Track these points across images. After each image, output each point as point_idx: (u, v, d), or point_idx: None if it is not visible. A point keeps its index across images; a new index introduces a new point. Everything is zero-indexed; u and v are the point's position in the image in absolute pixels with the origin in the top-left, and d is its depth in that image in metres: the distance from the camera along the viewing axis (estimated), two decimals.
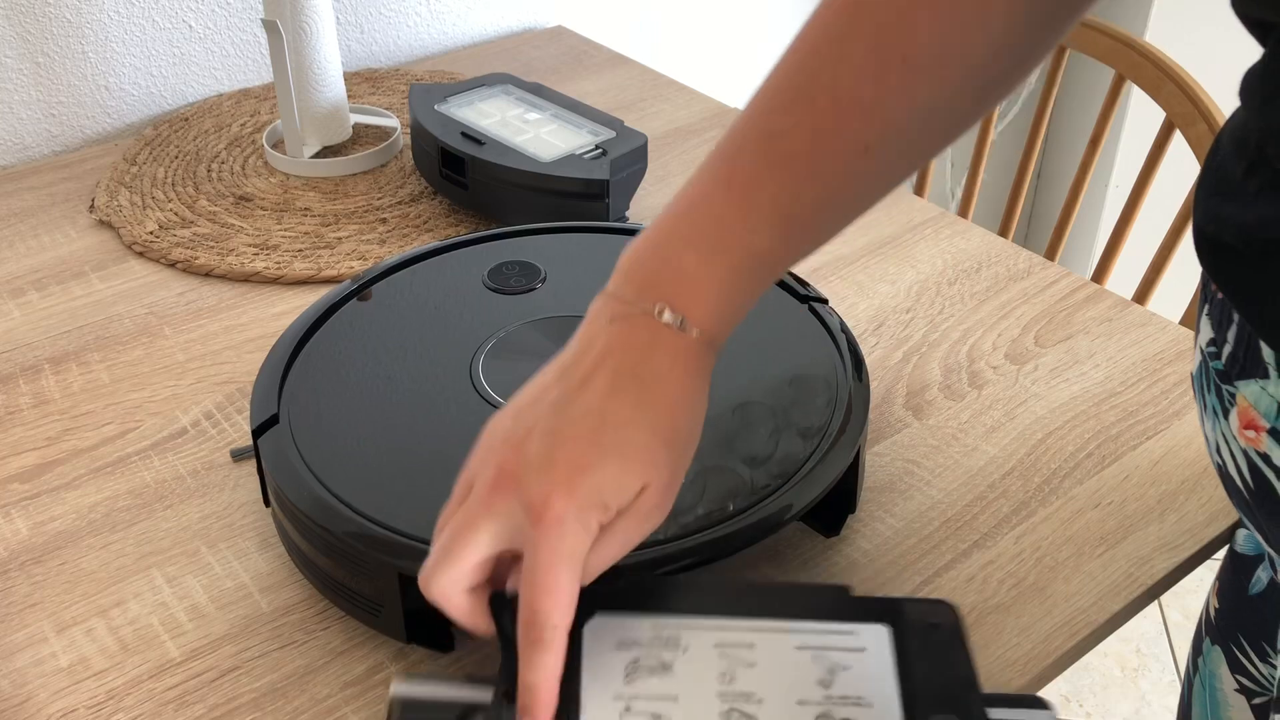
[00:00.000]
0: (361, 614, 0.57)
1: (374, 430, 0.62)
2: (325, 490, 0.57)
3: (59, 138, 1.13)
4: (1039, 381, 0.77)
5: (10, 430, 0.74)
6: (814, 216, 0.48)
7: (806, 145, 0.46)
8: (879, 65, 0.45)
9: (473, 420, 0.62)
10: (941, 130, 0.48)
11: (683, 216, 0.48)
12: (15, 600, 0.62)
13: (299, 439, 0.61)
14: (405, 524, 0.55)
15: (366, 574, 0.55)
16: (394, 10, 1.30)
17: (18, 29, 1.06)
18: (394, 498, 0.57)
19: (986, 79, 0.47)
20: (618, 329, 0.47)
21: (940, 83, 0.46)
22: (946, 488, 0.69)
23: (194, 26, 1.17)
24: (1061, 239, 1.20)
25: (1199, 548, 0.64)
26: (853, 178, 0.48)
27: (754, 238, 0.47)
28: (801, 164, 0.46)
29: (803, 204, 0.47)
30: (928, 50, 0.45)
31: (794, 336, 0.69)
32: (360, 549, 0.54)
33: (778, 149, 0.47)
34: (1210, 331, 0.51)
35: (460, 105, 1.00)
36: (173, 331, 0.84)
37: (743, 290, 0.48)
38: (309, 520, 0.56)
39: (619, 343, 0.47)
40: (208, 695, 0.57)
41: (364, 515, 0.56)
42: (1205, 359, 0.52)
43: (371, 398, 0.64)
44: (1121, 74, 1.12)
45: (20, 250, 0.94)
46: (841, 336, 0.67)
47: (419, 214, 0.98)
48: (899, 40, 0.45)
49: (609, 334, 0.47)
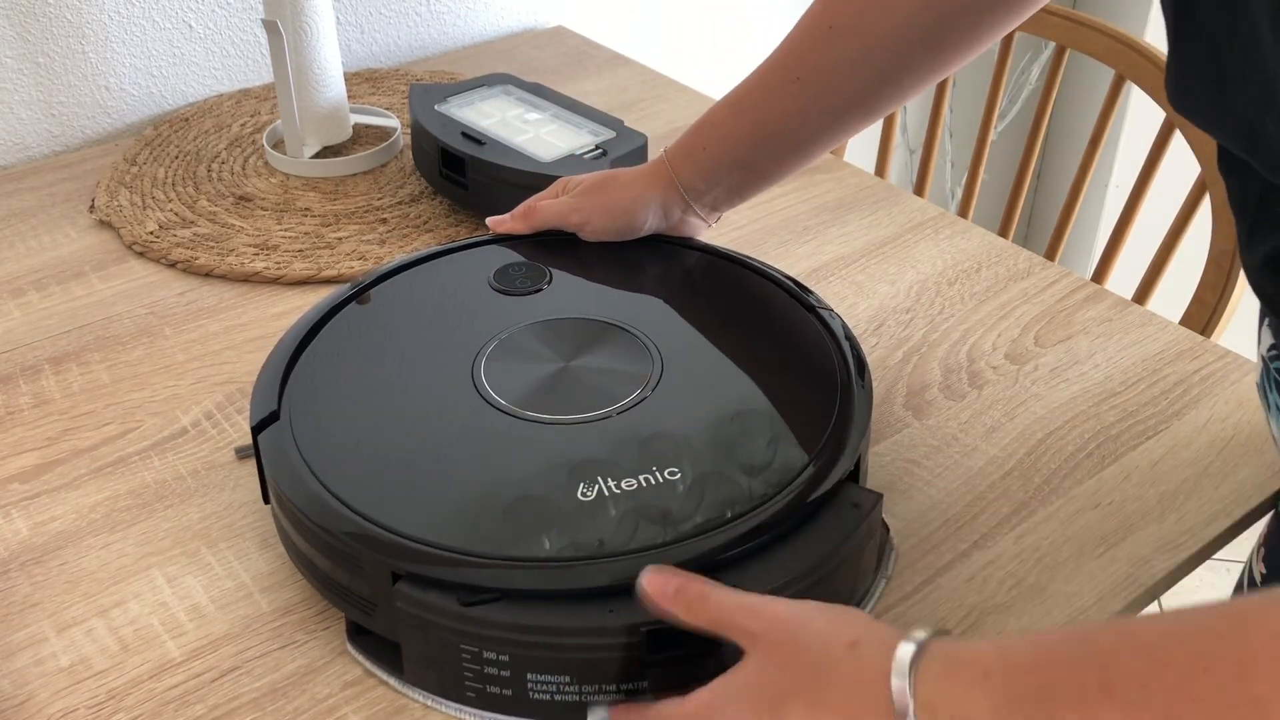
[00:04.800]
0: (357, 613, 0.57)
1: (374, 428, 0.62)
2: (323, 488, 0.57)
3: (59, 138, 1.13)
4: (1039, 381, 0.77)
5: (10, 430, 0.74)
6: (774, 127, 0.71)
7: (760, 78, 0.71)
8: (814, 29, 0.69)
9: (473, 420, 0.62)
10: (860, 78, 0.68)
11: (701, 128, 0.74)
12: (15, 600, 0.62)
13: (298, 435, 0.61)
14: (401, 523, 0.55)
15: (362, 573, 0.55)
16: (394, 10, 1.30)
17: (18, 29, 1.06)
18: (392, 496, 0.57)
19: (896, 48, 0.66)
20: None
21: (854, 44, 0.67)
22: (946, 488, 0.69)
23: (194, 26, 1.17)
24: (1061, 239, 1.20)
25: (1199, 548, 0.64)
26: (788, 99, 0.70)
27: (733, 141, 0.72)
28: (760, 91, 0.71)
29: (771, 114, 0.71)
30: (847, 20, 0.67)
31: (797, 341, 0.69)
32: (356, 547, 0.54)
33: (758, 81, 0.71)
34: (1271, 338, 0.58)
35: (460, 105, 1.00)
36: (173, 331, 0.84)
37: (721, 169, 0.73)
38: (306, 518, 0.56)
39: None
40: (208, 695, 0.57)
41: (361, 514, 0.55)
42: (1267, 364, 0.59)
43: (373, 396, 0.64)
44: (1121, 74, 1.12)
45: (20, 250, 0.94)
46: (845, 343, 0.67)
47: (419, 214, 0.98)
48: (830, 13, 0.68)
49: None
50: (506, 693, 0.53)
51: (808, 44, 0.69)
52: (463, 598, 0.51)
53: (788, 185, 1.02)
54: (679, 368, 0.65)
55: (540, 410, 0.62)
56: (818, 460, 0.58)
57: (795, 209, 0.99)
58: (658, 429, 0.61)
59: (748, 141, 0.72)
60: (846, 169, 1.06)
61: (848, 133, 0.71)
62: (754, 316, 0.72)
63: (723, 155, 0.73)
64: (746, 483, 0.57)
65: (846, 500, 0.57)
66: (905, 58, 0.67)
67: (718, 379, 0.65)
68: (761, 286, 0.74)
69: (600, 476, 0.57)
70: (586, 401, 0.62)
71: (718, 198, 0.75)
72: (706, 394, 0.64)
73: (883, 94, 0.69)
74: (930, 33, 0.66)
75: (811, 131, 0.71)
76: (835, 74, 0.68)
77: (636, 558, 0.53)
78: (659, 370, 0.65)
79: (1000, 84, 1.23)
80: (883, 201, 1.00)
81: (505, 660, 0.52)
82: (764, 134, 0.71)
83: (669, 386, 0.64)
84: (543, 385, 0.64)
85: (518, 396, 0.63)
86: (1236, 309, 1.02)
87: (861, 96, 0.69)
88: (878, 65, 0.67)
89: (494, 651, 0.52)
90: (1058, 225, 1.21)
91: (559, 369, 0.65)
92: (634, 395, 0.63)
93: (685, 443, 0.60)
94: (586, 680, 0.52)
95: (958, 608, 0.61)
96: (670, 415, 0.62)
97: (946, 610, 0.61)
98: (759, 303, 0.73)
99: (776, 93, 0.70)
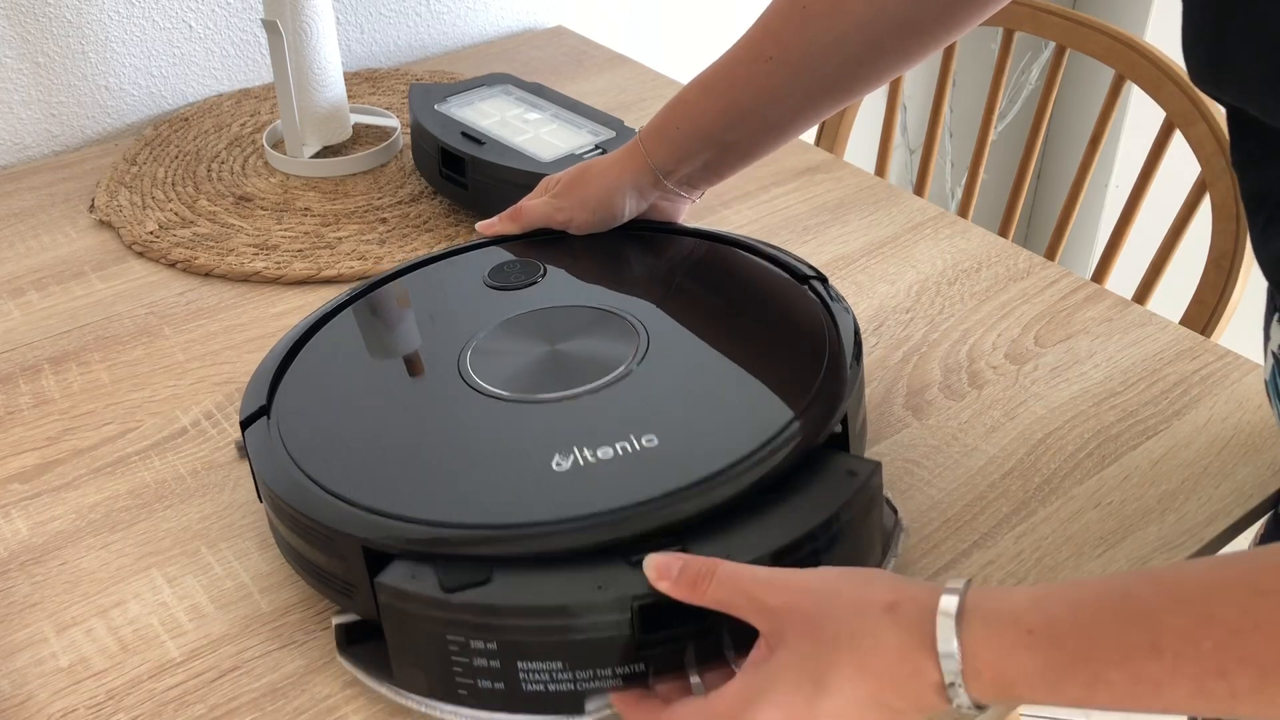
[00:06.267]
0: (338, 596, 0.57)
1: (359, 418, 0.62)
2: (304, 475, 0.57)
3: (59, 138, 1.13)
4: (1039, 381, 0.77)
5: (10, 430, 0.74)
6: (746, 105, 0.71)
7: (732, 57, 0.71)
8: (787, 10, 0.68)
9: (454, 405, 0.62)
10: (834, 60, 0.68)
11: (674, 106, 0.74)
12: (15, 600, 0.62)
13: (284, 429, 0.61)
14: (375, 500, 0.55)
15: (337, 551, 0.54)
16: (394, 10, 1.30)
17: (18, 29, 1.06)
18: (368, 477, 0.57)
19: (869, 31, 0.67)
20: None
21: (828, 27, 0.67)
22: (946, 488, 0.69)
23: (194, 26, 1.17)
24: (1061, 239, 1.20)
25: (1199, 548, 0.64)
26: (760, 78, 0.70)
27: (707, 120, 0.72)
28: (733, 70, 0.71)
29: (743, 92, 0.71)
30: (820, 4, 0.67)
31: (786, 311, 0.69)
32: (331, 524, 0.54)
33: (730, 61, 0.72)
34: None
35: (460, 105, 1.00)
36: (173, 331, 0.84)
37: (694, 146, 0.74)
38: (286, 504, 0.56)
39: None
40: (208, 695, 0.57)
41: (337, 495, 0.55)
42: (1278, 360, 0.58)
43: (361, 390, 0.64)
44: (1121, 74, 1.12)
45: (20, 250, 0.94)
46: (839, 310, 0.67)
47: (419, 214, 0.98)
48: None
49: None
50: (499, 686, 0.52)
51: (780, 24, 0.69)
52: (446, 584, 0.51)
53: (788, 185, 1.02)
54: (665, 344, 0.65)
55: (523, 391, 0.62)
56: (801, 419, 0.57)
57: (795, 209, 0.99)
58: (639, 399, 0.60)
59: (720, 120, 0.72)
60: (846, 169, 1.06)
61: (825, 112, 0.72)
62: (740, 289, 0.72)
63: (695, 133, 0.73)
64: (729, 445, 0.56)
65: (841, 468, 0.56)
66: (879, 42, 0.67)
67: (703, 350, 0.65)
68: (748, 261, 0.74)
69: (576, 446, 0.57)
70: (570, 380, 0.62)
71: (693, 174, 0.75)
72: (691, 366, 0.64)
73: (857, 75, 0.69)
74: (904, 17, 0.66)
75: (786, 110, 0.71)
76: (809, 56, 0.68)
77: (608, 521, 0.52)
78: (644, 347, 0.65)
79: (1000, 84, 1.23)
80: (883, 201, 1.00)
81: (493, 649, 0.51)
82: (736, 112, 0.71)
83: (654, 362, 0.64)
84: (529, 369, 0.64)
85: (502, 380, 0.63)
86: (1236, 309, 1.02)
87: (835, 78, 0.69)
88: (851, 48, 0.67)
89: (481, 640, 0.51)
90: (1058, 225, 1.21)
91: (546, 353, 0.65)
92: (618, 371, 0.63)
93: (666, 409, 0.59)
94: (580, 665, 0.51)
95: None
96: (652, 387, 0.62)
97: None
98: (746, 276, 0.73)
99: (748, 72, 0.70)
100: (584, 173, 0.78)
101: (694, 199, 0.79)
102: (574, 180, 0.78)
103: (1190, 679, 0.37)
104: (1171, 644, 0.38)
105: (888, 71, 0.69)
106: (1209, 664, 0.37)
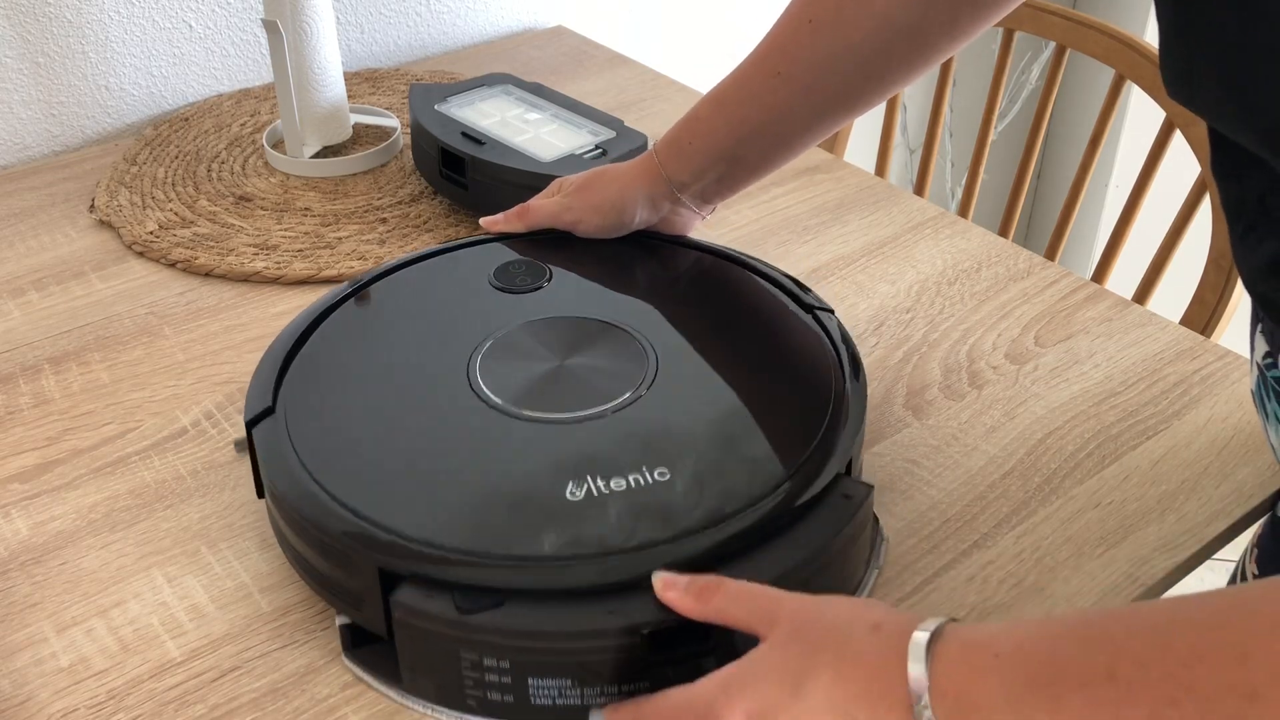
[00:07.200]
0: (346, 607, 0.57)
1: (368, 424, 0.62)
2: (315, 484, 0.57)
3: (59, 138, 1.13)
4: (1039, 381, 0.77)
5: (10, 430, 0.74)
6: (757, 120, 0.72)
7: (743, 72, 0.72)
8: (795, 24, 0.69)
9: (465, 418, 0.62)
10: (841, 72, 0.69)
11: (687, 122, 0.75)
12: (15, 600, 0.62)
13: (293, 430, 0.61)
14: (389, 519, 0.55)
15: (351, 568, 0.55)
16: (394, 10, 1.30)
17: (18, 29, 1.06)
18: (382, 492, 0.57)
19: (877, 42, 0.67)
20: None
21: (835, 39, 0.68)
22: (946, 488, 0.69)
23: (194, 26, 1.17)
24: (1061, 239, 1.20)
25: (1199, 548, 0.64)
26: (770, 94, 0.70)
27: (719, 136, 0.73)
28: (744, 86, 0.72)
29: (754, 108, 0.71)
30: (827, 15, 0.68)
31: (792, 340, 0.69)
32: (347, 543, 0.54)
33: (741, 76, 0.72)
34: (1266, 345, 0.58)
35: (460, 105, 1.00)
36: (173, 331, 0.84)
37: (707, 162, 0.74)
38: (299, 513, 0.56)
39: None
40: (208, 695, 0.57)
41: (351, 509, 0.55)
42: (1263, 371, 0.59)
43: (369, 392, 0.64)
44: (1121, 74, 1.12)
45: (20, 250, 0.94)
46: (841, 343, 0.67)
47: (419, 214, 0.98)
48: (810, 8, 0.68)
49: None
50: (508, 699, 0.52)
51: (788, 38, 0.70)
52: (461, 605, 0.51)
53: (788, 185, 1.02)
54: (674, 367, 0.65)
55: (533, 408, 0.62)
56: (811, 458, 0.58)
57: (795, 209, 0.99)
58: (650, 428, 0.61)
59: (732, 136, 0.73)
60: (846, 169, 1.06)
61: (833, 126, 0.72)
62: (750, 316, 0.72)
63: (708, 149, 0.74)
64: (739, 481, 0.57)
65: (838, 493, 0.57)
66: (886, 52, 0.68)
67: (712, 379, 0.65)
68: (758, 286, 0.74)
69: (590, 476, 0.57)
70: (581, 400, 0.62)
71: (706, 189, 0.76)
72: (700, 394, 0.64)
73: (865, 88, 0.69)
74: (910, 26, 0.67)
75: (795, 125, 0.72)
76: (817, 69, 0.69)
77: (620, 558, 0.53)
78: (654, 370, 0.65)
79: (1000, 84, 1.23)
80: (883, 201, 1.00)
81: (505, 666, 0.51)
82: (747, 128, 0.72)
83: (663, 386, 0.64)
84: (538, 383, 0.64)
85: (512, 394, 0.63)
86: (1237, 309, 1.02)
87: (844, 91, 0.70)
88: (859, 59, 0.68)
89: (494, 658, 0.51)
90: (1058, 225, 1.21)
91: (554, 367, 0.65)
92: (628, 394, 0.63)
93: (677, 442, 0.60)
94: (589, 683, 0.52)
95: (958, 607, 0.61)
96: (663, 415, 0.62)
97: (946, 610, 0.60)
98: (755, 302, 0.73)
99: (759, 87, 0.71)
100: (598, 177, 0.78)
101: (705, 214, 0.79)
102: (587, 183, 0.78)
103: (1145, 706, 0.38)
104: (1125, 670, 0.38)
105: (895, 83, 0.70)
106: (1160, 692, 0.37)
